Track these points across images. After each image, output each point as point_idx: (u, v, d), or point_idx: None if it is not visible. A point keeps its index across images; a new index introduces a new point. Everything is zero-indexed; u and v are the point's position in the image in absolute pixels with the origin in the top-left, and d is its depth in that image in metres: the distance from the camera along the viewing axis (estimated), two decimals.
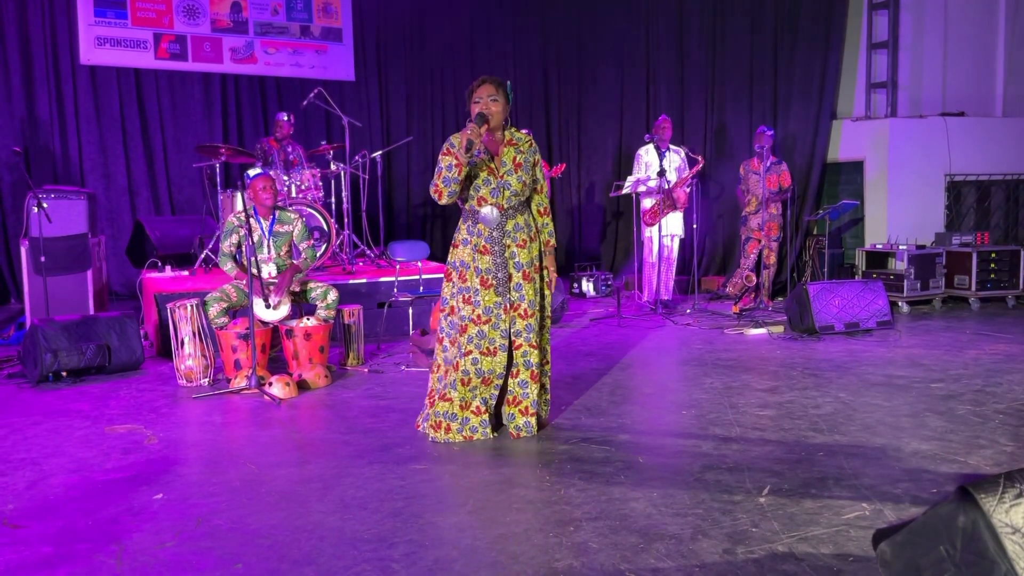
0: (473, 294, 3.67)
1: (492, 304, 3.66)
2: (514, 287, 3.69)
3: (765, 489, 3.04)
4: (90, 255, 6.37)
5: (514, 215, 3.71)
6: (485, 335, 3.65)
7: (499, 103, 3.65)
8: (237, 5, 9.17)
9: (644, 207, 7.52)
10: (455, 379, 3.66)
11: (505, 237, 3.69)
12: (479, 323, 3.65)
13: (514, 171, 3.69)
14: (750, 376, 4.90)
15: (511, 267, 3.69)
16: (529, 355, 3.71)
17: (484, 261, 3.67)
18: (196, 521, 2.82)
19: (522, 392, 3.74)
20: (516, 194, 3.68)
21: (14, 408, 4.37)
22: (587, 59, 10.39)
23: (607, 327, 6.67)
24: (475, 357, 3.65)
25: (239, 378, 4.70)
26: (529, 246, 3.73)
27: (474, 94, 3.67)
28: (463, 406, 3.69)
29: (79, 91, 8.46)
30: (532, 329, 3.69)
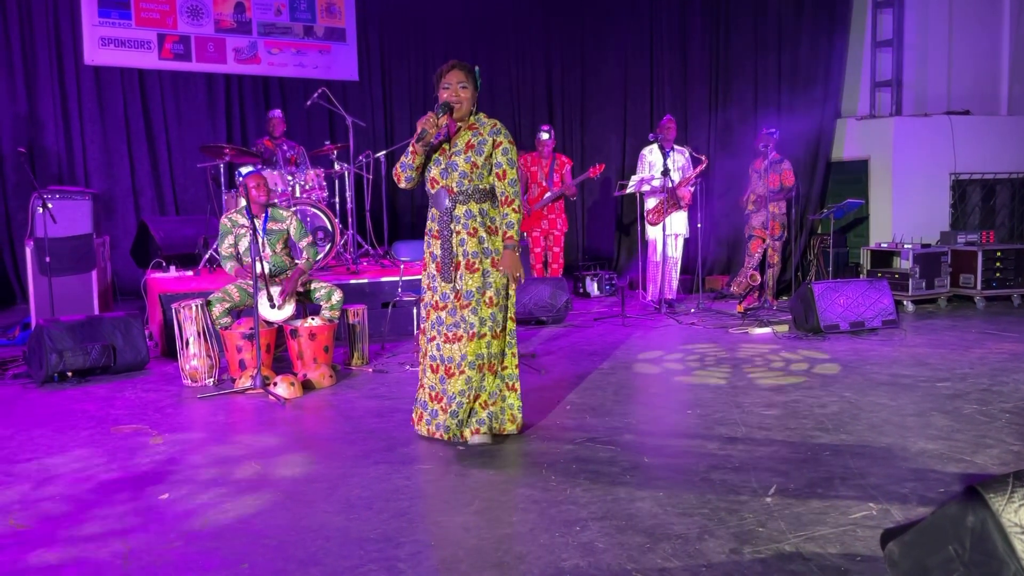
0: (431, 280, 3.65)
1: (449, 290, 3.58)
2: (459, 276, 3.56)
3: (771, 489, 3.04)
4: (95, 255, 6.38)
5: (466, 200, 3.56)
6: (443, 322, 3.59)
7: (468, 90, 3.55)
8: (241, 5, 9.19)
9: (648, 207, 7.51)
10: (426, 366, 3.67)
11: (454, 222, 3.57)
12: (437, 309, 3.62)
13: (463, 151, 3.56)
14: (755, 375, 4.89)
15: (459, 255, 3.56)
16: (444, 350, 3.60)
17: (436, 246, 3.62)
18: (202, 521, 2.82)
19: (441, 388, 3.62)
20: (465, 176, 3.54)
21: (20, 409, 4.38)
22: (590, 58, 10.38)
23: (611, 326, 6.66)
24: (438, 343, 3.61)
25: (244, 378, 4.71)
26: (481, 237, 3.57)
27: (443, 79, 3.57)
28: (433, 396, 3.63)
29: (83, 91, 8.48)
30: (464, 320, 3.55)
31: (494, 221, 3.62)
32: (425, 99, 10.12)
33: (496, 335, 3.61)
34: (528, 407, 4.24)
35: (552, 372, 5.06)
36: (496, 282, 3.59)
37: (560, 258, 7.81)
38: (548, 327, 6.68)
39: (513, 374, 3.73)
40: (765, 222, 7.43)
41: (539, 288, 6.79)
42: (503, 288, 3.63)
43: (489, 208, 3.61)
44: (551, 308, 6.75)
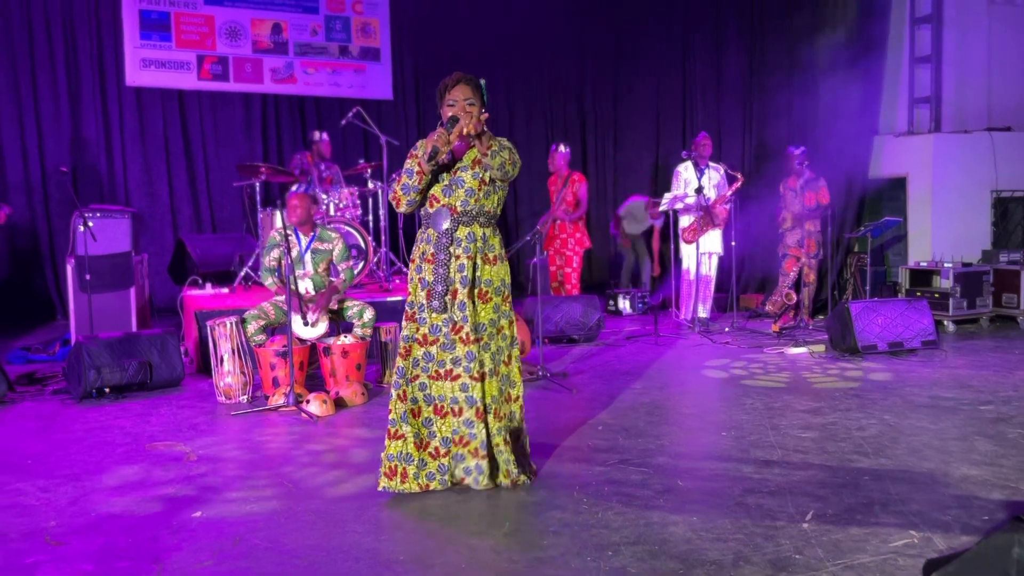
0: (418, 310, 3.24)
1: (440, 322, 3.20)
2: (457, 305, 3.18)
3: (808, 514, 2.97)
4: (133, 273, 6.48)
5: (470, 222, 3.22)
6: (433, 357, 3.21)
7: (475, 107, 3.22)
8: (278, 27, 9.33)
9: (682, 225, 7.46)
10: (405, 411, 3.21)
11: (454, 245, 3.21)
12: (424, 344, 3.21)
13: (470, 167, 3.24)
14: (791, 397, 4.81)
15: (456, 281, 3.19)
16: (471, 389, 3.17)
17: (429, 271, 3.22)
18: (234, 540, 2.83)
19: (468, 432, 3.19)
20: (472, 194, 3.21)
21: (58, 424, 4.44)
22: (623, 76, 10.38)
23: (644, 345, 6.60)
24: (423, 382, 3.21)
25: (277, 395, 4.73)
26: (485, 267, 3.24)
27: (447, 94, 3.24)
28: (419, 444, 3.21)
29: (125, 112, 8.66)
30: (473, 357, 3.16)
31: (493, 250, 3.29)
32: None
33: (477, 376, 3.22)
34: (559, 427, 4.22)
35: (583, 391, 5.03)
36: (479, 316, 3.24)
37: (573, 278, 7.72)
38: (580, 345, 6.64)
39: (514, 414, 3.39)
40: (801, 240, 7.34)
41: (571, 306, 6.76)
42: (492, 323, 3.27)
43: (491, 235, 3.30)
44: (583, 326, 6.71)
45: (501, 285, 3.30)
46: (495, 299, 3.28)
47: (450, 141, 3.13)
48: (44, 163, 8.29)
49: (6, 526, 2.98)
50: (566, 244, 7.70)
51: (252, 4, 9.19)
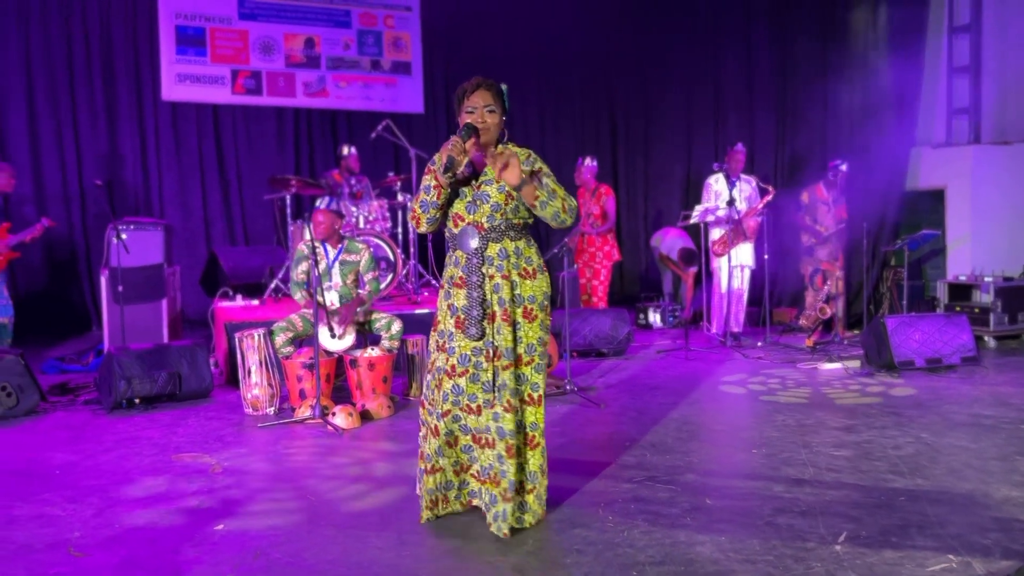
0: (447, 339, 2.99)
1: (470, 351, 2.94)
2: (496, 329, 2.93)
3: (841, 536, 2.88)
4: (165, 285, 6.55)
5: (499, 238, 2.96)
6: (463, 390, 2.96)
7: (496, 115, 2.99)
8: (311, 41, 9.42)
9: (713, 238, 7.37)
10: (440, 445, 3.01)
11: (485, 265, 2.96)
12: (453, 375, 2.96)
13: (495, 180, 2.96)
14: (824, 413, 4.70)
15: (494, 303, 2.94)
16: (502, 420, 2.91)
17: (459, 296, 2.97)
18: (255, 554, 2.81)
19: (500, 469, 2.93)
20: (498, 208, 2.95)
21: (89, 434, 4.48)
22: (653, 88, 10.32)
23: (675, 360, 6.51)
24: (456, 415, 2.98)
25: (303, 407, 4.73)
26: (514, 281, 2.97)
27: (466, 100, 3.01)
28: (458, 470, 3.05)
29: (160, 126, 8.78)
30: (505, 386, 2.92)
31: (531, 262, 3.01)
32: None
33: (533, 400, 3.01)
34: (585, 442, 4.16)
35: (611, 406, 4.96)
36: (527, 336, 2.98)
37: (600, 291, 7.66)
38: (609, 359, 6.57)
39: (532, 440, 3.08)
40: (834, 254, 7.21)
41: (600, 319, 6.70)
42: (540, 342, 3.02)
43: (524, 247, 3.02)
44: (612, 340, 6.64)
45: (544, 299, 3.03)
46: (540, 315, 3.02)
47: (466, 150, 2.91)
48: (82, 176, 8.43)
49: (32, 537, 2.99)
50: (595, 257, 7.65)
51: (285, 19, 9.30)
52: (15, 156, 8.10)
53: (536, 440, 3.03)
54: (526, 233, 3.06)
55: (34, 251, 8.04)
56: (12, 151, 8.14)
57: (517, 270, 2.98)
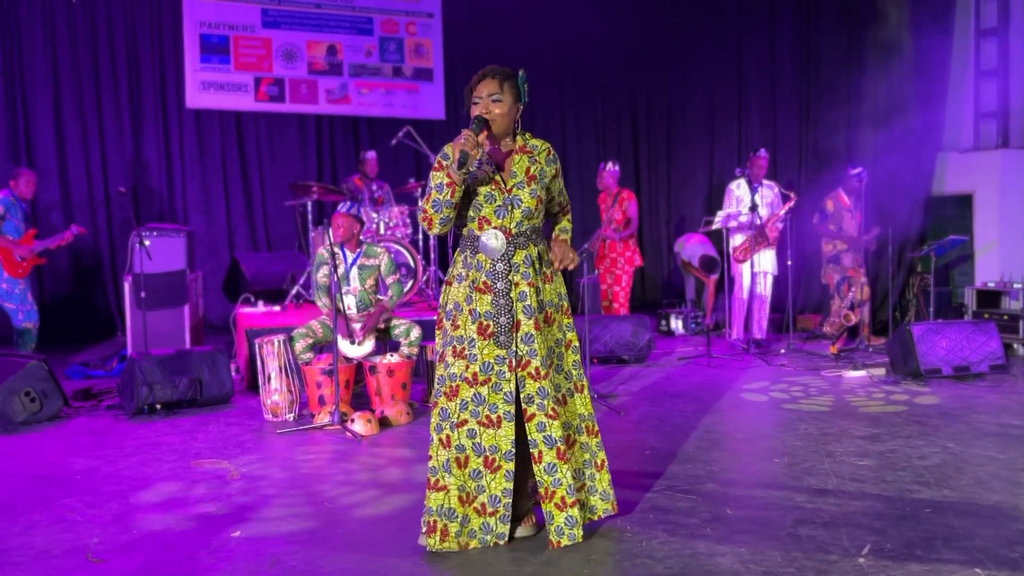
0: (468, 345, 2.84)
1: (493, 359, 2.82)
2: (522, 338, 2.83)
3: (865, 548, 2.82)
4: (187, 291, 6.60)
5: (525, 244, 2.88)
6: (484, 400, 2.82)
7: (504, 103, 2.87)
8: (333, 48, 9.48)
9: (734, 244, 7.30)
10: (448, 459, 2.83)
11: (512, 272, 2.87)
12: (475, 384, 2.82)
13: (527, 184, 2.87)
14: (848, 422, 4.63)
15: (519, 311, 2.84)
16: (549, 428, 2.82)
17: (484, 302, 2.85)
18: (271, 561, 2.81)
19: (552, 480, 2.82)
20: (529, 215, 2.87)
21: (110, 440, 4.51)
22: (675, 92, 10.28)
23: (696, 367, 6.46)
24: (472, 428, 2.82)
25: (322, 414, 4.74)
26: (545, 286, 2.93)
27: (473, 92, 2.91)
28: (463, 500, 2.83)
29: (185, 133, 8.88)
30: (546, 394, 2.83)
31: (550, 265, 2.97)
32: None
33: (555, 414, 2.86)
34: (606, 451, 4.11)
35: (631, 414, 4.92)
36: (548, 341, 2.93)
37: (622, 297, 7.61)
38: (629, 366, 6.53)
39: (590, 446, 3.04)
40: (858, 260, 7.12)
41: (621, 326, 6.66)
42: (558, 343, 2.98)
43: (544, 250, 2.97)
44: (633, 346, 6.60)
45: (560, 300, 2.99)
46: (557, 317, 2.97)
47: (479, 144, 2.77)
48: (107, 183, 8.53)
49: (51, 542, 3.01)
50: (616, 263, 7.61)
51: (308, 27, 9.37)
52: (43, 163, 8.22)
53: (595, 429, 3.03)
54: (543, 237, 3.00)
55: (60, 257, 8.14)
56: (40, 158, 8.26)
57: (540, 276, 2.93)
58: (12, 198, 6.20)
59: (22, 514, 3.32)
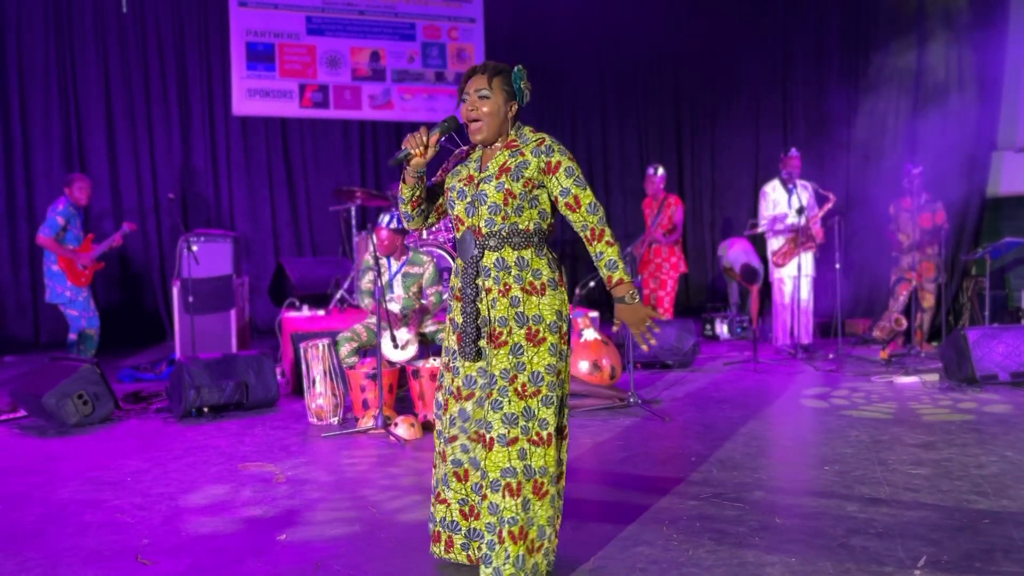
0: (451, 358, 2.68)
1: (475, 371, 2.60)
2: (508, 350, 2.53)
3: (921, 560, 2.74)
4: (234, 295, 6.69)
5: (499, 245, 2.55)
6: (468, 415, 2.61)
7: (493, 101, 2.58)
8: (376, 54, 9.55)
9: (773, 247, 7.17)
10: (447, 473, 2.67)
11: (482, 276, 2.58)
12: (459, 399, 2.62)
13: (495, 176, 2.55)
14: (901, 429, 4.51)
15: (492, 320, 2.56)
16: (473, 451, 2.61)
17: (457, 311, 2.65)
18: (315, 565, 2.81)
19: (476, 499, 2.64)
20: (497, 210, 2.53)
21: (159, 442, 4.58)
22: (720, 95, 10.16)
23: (743, 372, 6.36)
24: (464, 444, 2.63)
25: (366, 418, 4.76)
26: (515, 297, 2.54)
27: (464, 89, 2.64)
28: (466, 513, 2.66)
29: (231, 140, 9.02)
30: (468, 417, 2.61)
31: (538, 276, 2.57)
32: None
33: (541, 440, 2.52)
34: (649, 457, 4.07)
35: (676, 420, 4.85)
36: (534, 363, 2.52)
37: (666, 302, 7.52)
38: (673, 371, 6.45)
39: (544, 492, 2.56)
40: (914, 264, 6.95)
41: (665, 330, 6.58)
42: (550, 370, 2.55)
43: (531, 257, 2.58)
44: (677, 351, 6.52)
45: (557, 319, 2.57)
46: (551, 338, 2.55)
47: (427, 143, 2.56)
48: (157, 190, 8.70)
49: (102, 543, 3.06)
50: (660, 268, 7.54)
51: (352, 33, 9.46)
52: (95, 171, 8.41)
53: (545, 488, 2.53)
54: (536, 242, 2.59)
55: (111, 263, 8.32)
56: (92, 167, 8.46)
57: (520, 284, 2.55)
58: (71, 207, 6.34)
59: (74, 515, 3.38)
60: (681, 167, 10.36)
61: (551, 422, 2.54)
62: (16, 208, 8.19)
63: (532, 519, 2.52)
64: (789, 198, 7.01)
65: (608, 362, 5.42)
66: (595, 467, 3.96)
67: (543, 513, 2.55)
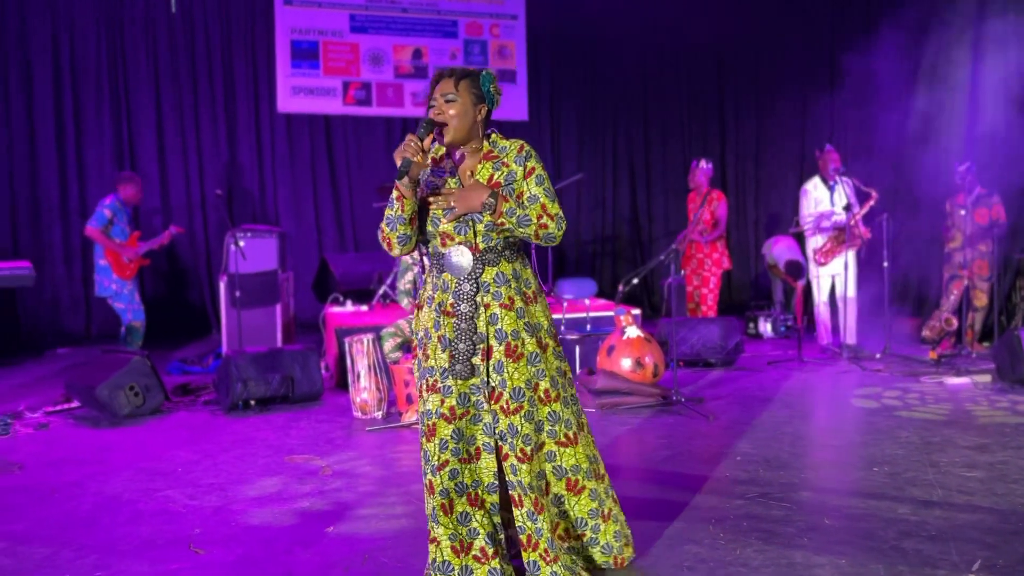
0: (440, 377, 2.55)
1: (468, 390, 2.53)
2: (494, 367, 2.52)
3: (976, 564, 2.68)
4: (279, 290, 6.78)
5: (496, 260, 2.55)
6: (462, 435, 2.54)
7: (459, 104, 2.53)
8: (418, 52, 9.60)
9: (814, 246, 7.05)
10: (435, 507, 2.54)
11: (481, 292, 2.55)
12: (452, 419, 2.52)
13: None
14: (953, 431, 4.42)
15: (491, 336, 2.53)
16: (520, 472, 2.51)
17: (448, 326, 2.55)
18: (363, 557, 2.85)
19: (535, 528, 2.51)
20: (492, 227, 2.52)
21: (208, 434, 4.66)
22: (765, 90, 10.04)
23: (787, 371, 6.28)
24: (453, 468, 2.53)
25: (410, 412, 4.79)
26: (519, 309, 2.56)
27: (431, 96, 2.59)
28: (457, 549, 2.53)
29: (276, 138, 9.13)
30: (516, 432, 2.51)
31: (528, 285, 2.61)
32: (592, 138, 10.14)
33: (569, 440, 2.60)
34: (694, 456, 4.04)
35: (721, 419, 4.81)
36: (550, 370, 2.59)
37: (710, 299, 7.44)
38: (716, 370, 6.39)
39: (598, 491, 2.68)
40: (966, 261, 6.79)
41: (708, 328, 6.52)
42: (560, 373, 2.64)
43: (522, 269, 2.62)
44: (721, 349, 6.46)
45: (550, 324, 2.65)
46: (551, 343, 2.62)
47: (425, 150, 2.47)
48: (204, 187, 8.86)
49: (155, 532, 3.13)
50: (703, 264, 7.46)
51: (395, 31, 9.52)
52: (145, 168, 8.59)
53: (580, 484, 2.62)
54: (522, 253, 2.64)
55: (159, 258, 8.49)
56: (142, 164, 8.63)
57: (520, 295, 2.57)
58: (118, 203, 6.49)
59: (128, 504, 3.46)
60: (724, 164, 10.26)
61: (573, 421, 2.62)
62: (69, 205, 8.39)
63: (566, 512, 2.64)
64: (831, 195, 6.91)
65: (651, 360, 5.39)
66: (639, 465, 3.95)
67: (580, 507, 2.65)
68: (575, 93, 10.05)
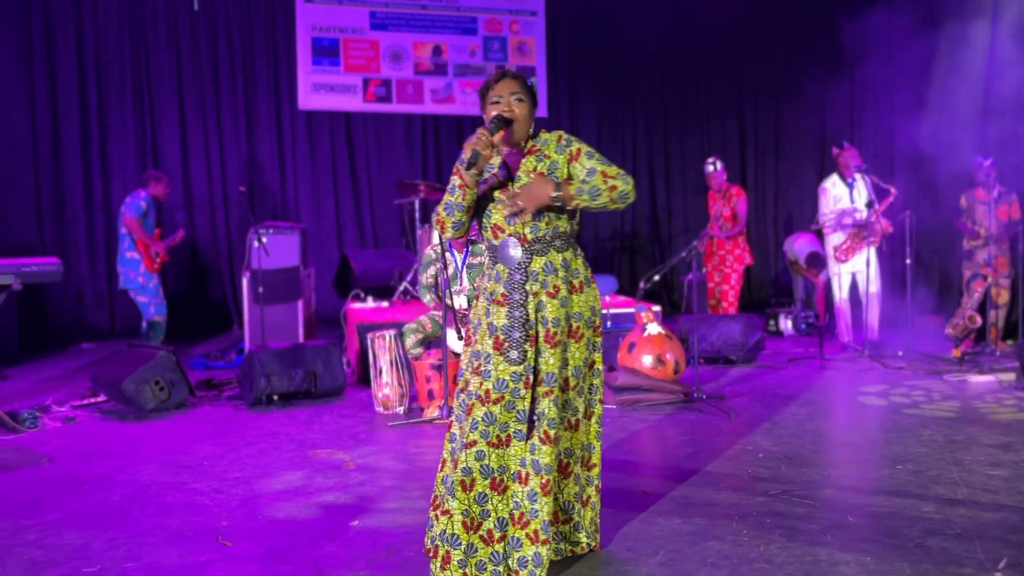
0: (483, 361, 2.62)
1: (508, 376, 2.58)
2: (538, 352, 2.63)
3: (1002, 563, 2.67)
4: (301, 286, 6.83)
5: (545, 250, 2.65)
6: (495, 419, 2.57)
7: (525, 104, 2.69)
8: (438, 49, 9.63)
9: (834, 243, 7.01)
10: (454, 481, 2.58)
11: (530, 281, 2.64)
12: (487, 402, 2.57)
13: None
14: (976, 429, 4.39)
15: (538, 323, 2.63)
16: (539, 452, 2.59)
17: (500, 315, 2.63)
18: (388, 551, 2.87)
19: (530, 508, 2.58)
20: (540, 217, 2.62)
21: (233, 429, 4.71)
22: (785, 87, 9.98)
23: (808, 368, 6.26)
24: (480, 450, 2.57)
25: (431, 408, 4.82)
26: (569, 297, 2.67)
27: (491, 91, 2.70)
28: (468, 525, 2.56)
29: (297, 135, 9.19)
30: (544, 416, 2.61)
31: (578, 275, 2.71)
32: (611, 133, 10.12)
33: (570, 426, 2.76)
34: (716, 453, 4.05)
35: (742, 416, 4.80)
36: (574, 358, 2.71)
37: (731, 296, 7.43)
38: (737, 367, 6.38)
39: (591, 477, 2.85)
40: (990, 259, 6.74)
41: (729, 325, 6.51)
42: (585, 363, 2.75)
43: (572, 258, 2.72)
44: (742, 347, 6.44)
45: (592, 315, 2.74)
46: (587, 333, 2.73)
47: (494, 144, 2.60)
48: (226, 183, 8.93)
49: (183, 525, 3.17)
50: (724, 261, 7.45)
51: (415, 28, 9.55)
52: (168, 165, 8.67)
53: (570, 468, 2.79)
54: (573, 242, 2.75)
55: (182, 254, 8.58)
56: (165, 161, 8.71)
57: (567, 284, 2.67)
58: (150, 197, 6.63)
59: (156, 496, 3.51)
60: (744, 160, 10.22)
61: (580, 409, 2.78)
62: (93, 201, 8.48)
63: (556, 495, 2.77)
64: (851, 192, 6.87)
65: (672, 356, 5.39)
66: (661, 462, 3.95)
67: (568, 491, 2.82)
68: (594, 89, 10.04)
